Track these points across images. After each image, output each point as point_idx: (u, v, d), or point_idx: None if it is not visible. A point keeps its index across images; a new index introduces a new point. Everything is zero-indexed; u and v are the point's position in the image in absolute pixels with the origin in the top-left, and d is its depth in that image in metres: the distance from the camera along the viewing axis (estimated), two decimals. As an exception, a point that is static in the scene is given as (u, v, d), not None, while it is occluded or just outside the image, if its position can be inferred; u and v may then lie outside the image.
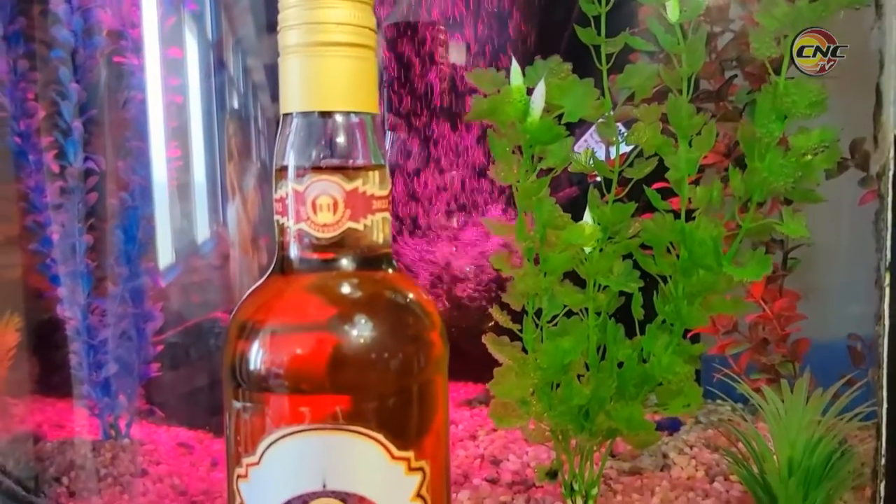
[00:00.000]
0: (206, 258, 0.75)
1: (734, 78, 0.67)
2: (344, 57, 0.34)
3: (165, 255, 0.74)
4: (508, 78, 0.46)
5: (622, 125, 0.52)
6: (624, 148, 0.50)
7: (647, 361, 0.49)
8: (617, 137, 0.50)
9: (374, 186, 0.35)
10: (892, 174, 0.45)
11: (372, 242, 0.35)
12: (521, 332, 0.49)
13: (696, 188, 0.48)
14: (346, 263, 0.35)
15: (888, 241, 0.45)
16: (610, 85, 0.49)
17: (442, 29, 0.80)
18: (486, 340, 0.49)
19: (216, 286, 0.76)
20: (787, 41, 0.45)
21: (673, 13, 0.47)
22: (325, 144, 0.35)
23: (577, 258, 0.48)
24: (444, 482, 0.37)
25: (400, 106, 0.81)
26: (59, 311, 0.71)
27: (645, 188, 0.49)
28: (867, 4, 0.50)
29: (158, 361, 0.72)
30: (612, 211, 0.49)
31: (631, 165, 0.50)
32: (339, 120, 0.35)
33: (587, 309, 0.49)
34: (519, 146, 0.47)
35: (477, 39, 0.81)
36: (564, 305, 0.49)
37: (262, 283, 0.37)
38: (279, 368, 0.34)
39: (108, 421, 0.72)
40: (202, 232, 0.75)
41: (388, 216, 0.36)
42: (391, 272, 0.37)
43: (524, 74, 0.46)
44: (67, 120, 0.69)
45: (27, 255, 0.73)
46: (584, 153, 0.50)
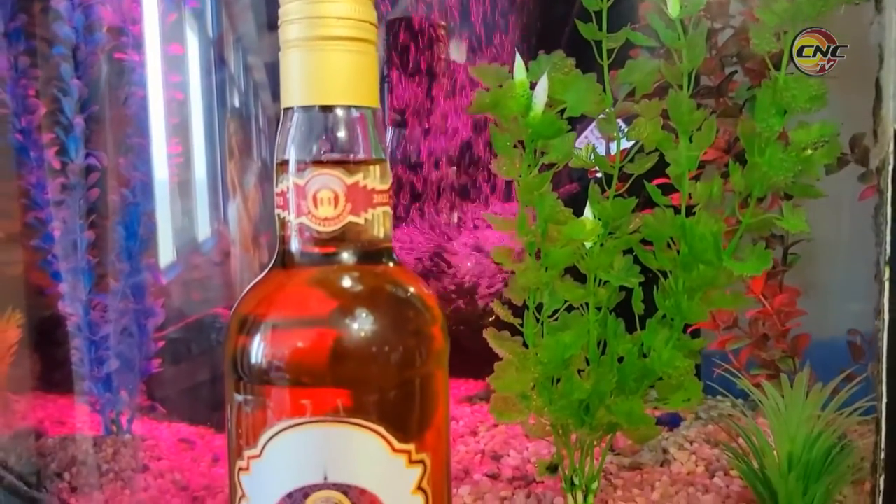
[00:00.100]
0: (206, 256, 0.75)
1: (734, 74, 0.67)
2: (345, 51, 0.34)
3: (166, 252, 0.74)
4: (512, 73, 0.46)
5: (622, 121, 0.52)
6: (624, 144, 0.50)
7: (647, 356, 0.49)
8: (618, 133, 0.50)
9: (374, 180, 0.35)
10: (891, 169, 0.45)
11: (373, 236, 0.36)
12: (521, 326, 0.49)
13: (696, 184, 0.48)
14: (346, 257, 0.35)
15: (888, 235, 0.45)
16: (610, 80, 0.49)
17: (443, 25, 0.80)
18: (486, 335, 0.49)
19: (217, 283, 0.76)
20: (787, 37, 0.45)
21: (674, 9, 0.47)
22: (325, 139, 0.35)
23: (577, 253, 0.49)
24: (444, 476, 0.37)
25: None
26: (60, 307, 0.72)
27: (645, 183, 0.49)
28: (867, 0, 0.50)
29: (159, 357, 0.72)
30: (612, 206, 0.49)
31: (632, 161, 0.50)
32: (339, 114, 0.35)
33: (588, 304, 0.49)
34: (521, 141, 0.47)
35: (479, 35, 0.81)
36: (565, 300, 0.49)
37: (263, 276, 0.37)
38: (280, 361, 0.34)
39: (109, 417, 0.72)
40: (203, 230, 0.75)
41: (388, 210, 0.36)
42: (392, 266, 0.37)
43: (527, 69, 0.47)
44: (69, 116, 0.69)
45: (28, 251, 0.74)
46: (584, 148, 0.50)
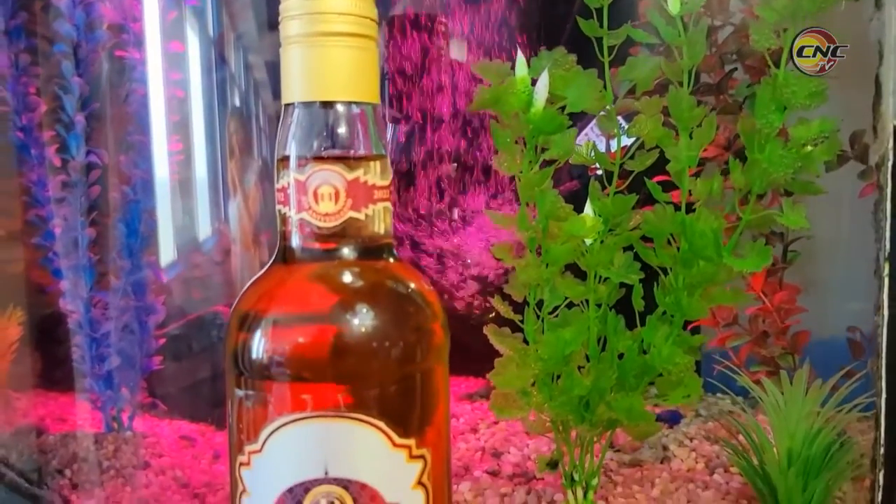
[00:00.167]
0: (207, 254, 0.75)
1: (734, 71, 0.67)
2: (345, 47, 0.34)
3: (167, 251, 0.74)
4: (513, 69, 0.46)
5: (622, 118, 0.52)
6: (625, 141, 0.51)
7: (647, 352, 0.49)
8: (618, 130, 0.50)
9: (375, 176, 0.35)
10: (891, 165, 0.45)
11: (373, 232, 0.36)
12: (522, 322, 0.49)
13: (696, 180, 0.48)
14: (347, 253, 0.35)
15: (887, 231, 0.45)
16: (611, 77, 0.49)
17: (443, 21, 0.80)
18: (487, 331, 0.49)
19: (217, 282, 0.76)
20: (787, 34, 0.45)
21: (674, 6, 0.47)
22: (326, 134, 0.35)
23: (578, 250, 0.49)
24: (445, 471, 0.37)
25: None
26: (61, 304, 0.72)
27: (646, 180, 0.49)
28: (867, -5, 0.51)
29: (160, 355, 0.72)
30: (613, 203, 0.49)
31: (632, 158, 0.50)
32: (340, 110, 0.35)
33: (588, 300, 0.50)
34: (522, 137, 0.47)
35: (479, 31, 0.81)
36: (565, 297, 0.49)
37: (264, 272, 0.37)
38: (281, 356, 0.34)
39: (110, 414, 0.72)
40: (204, 228, 0.75)
41: (389, 206, 0.36)
42: (392, 261, 0.37)
43: (528, 66, 0.47)
44: (70, 114, 0.69)
45: (29, 249, 0.74)
46: (585, 145, 0.50)
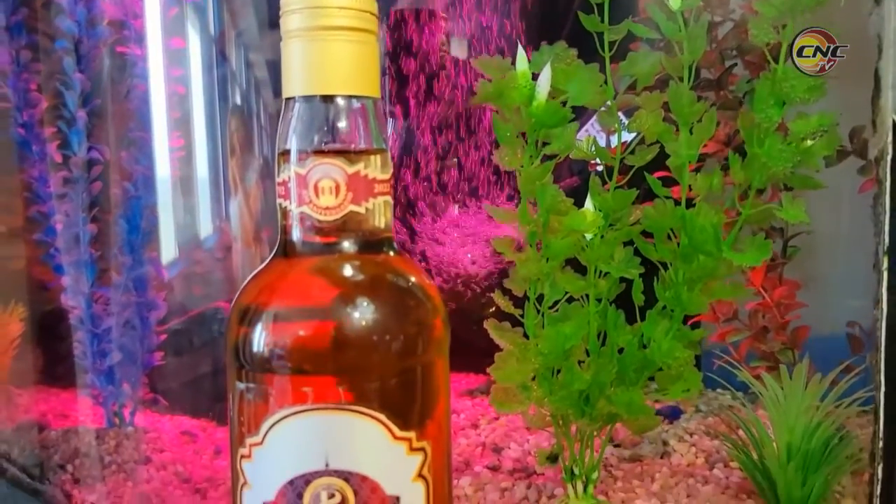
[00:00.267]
0: (208, 252, 0.75)
1: (734, 67, 0.67)
2: (346, 41, 0.34)
3: (168, 248, 0.74)
4: (514, 65, 0.47)
5: (623, 114, 0.52)
6: (625, 136, 0.51)
7: (647, 347, 0.49)
8: (619, 125, 0.50)
9: (375, 170, 0.35)
10: (890, 159, 0.45)
11: (374, 226, 0.36)
12: (522, 317, 0.49)
13: (696, 175, 0.48)
14: (348, 246, 0.35)
15: (886, 225, 0.45)
16: (611, 72, 0.49)
17: (444, 16, 0.81)
18: (487, 326, 0.49)
19: (218, 280, 0.76)
20: (786, 29, 0.45)
21: (674, 1, 0.47)
22: (327, 128, 0.35)
23: (578, 245, 0.49)
24: (445, 464, 0.38)
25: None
26: (63, 300, 0.72)
27: (646, 175, 0.49)
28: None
29: (162, 350, 0.73)
30: (613, 198, 0.49)
31: (632, 153, 0.50)
32: (341, 104, 0.35)
33: (588, 295, 0.50)
34: (523, 133, 0.47)
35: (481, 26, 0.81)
36: (566, 291, 0.49)
37: (265, 266, 0.37)
38: (282, 349, 0.34)
39: (112, 409, 0.72)
40: (205, 226, 0.75)
41: (389, 200, 0.36)
42: (393, 255, 0.37)
43: (529, 60, 0.47)
44: (71, 110, 0.70)
45: (31, 246, 0.74)
46: (585, 140, 0.50)
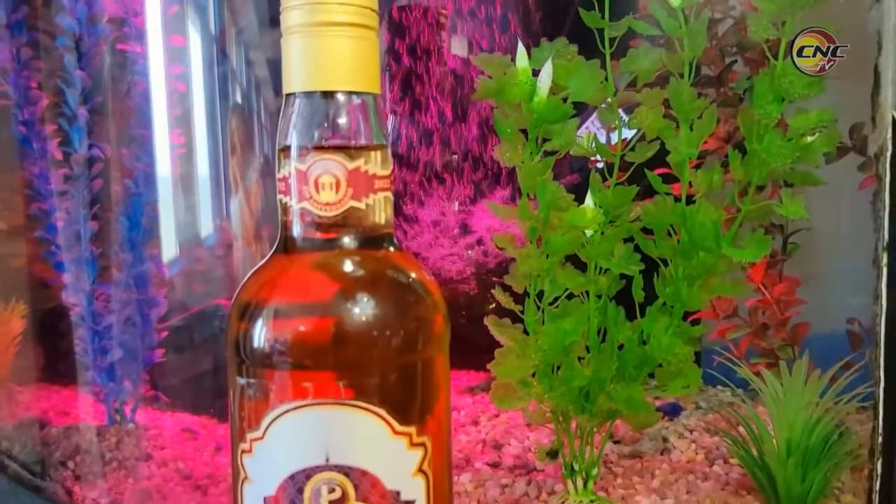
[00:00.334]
0: (208, 251, 0.75)
1: (734, 63, 0.67)
2: (346, 37, 0.34)
3: (169, 246, 0.74)
4: (514, 62, 0.47)
5: (623, 111, 0.52)
6: (625, 133, 0.51)
7: (647, 343, 0.49)
8: (619, 121, 0.50)
9: (376, 166, 0.35)
10: (889, 155, 0.45)
11: (374, 222, 0.36)
12: (522, 313, 0.49)
13: (696, 172, 0.48)
14: (348, 242, 0.35)
15: (885, 221, 0.46)
16: (612, 69, 0.49)
17: (444, 13, 0.81)
18: (487, 322, 0.49)
19: (219, 279, 0.76)
20: (786, 25, 0.45)
21: (675, -2, 0.47)
22: (327, 124, 0.35)
23: (578, 241, 0.49)
24: (445, 459, 0.38)
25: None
26: (63, 297, 0.72)
27: (646, 172, 0.49)
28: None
29: (162, 347, 0.73)
30: (613, 194, 0.49)
31: (633, 150, 0.50)
32: (341, 100, 0.35)
33: (588, 291, 0.50)
34: (523, 130, 0.47)
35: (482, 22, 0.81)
36: (566, 288, 0.49)
37: (265, 262, 0.37)
38: (282, 345, 0.34)
39: (113, 406, 0.72)
40: (205, 225, 0.75)
41: (389, 196, 0.36)
42: (393, 251, 0.37)
43: (529, 57, 0.47)
44: (72, 107, 0.70)
45: (32, 243, 0.74)
46: (586, 136, 0.50)
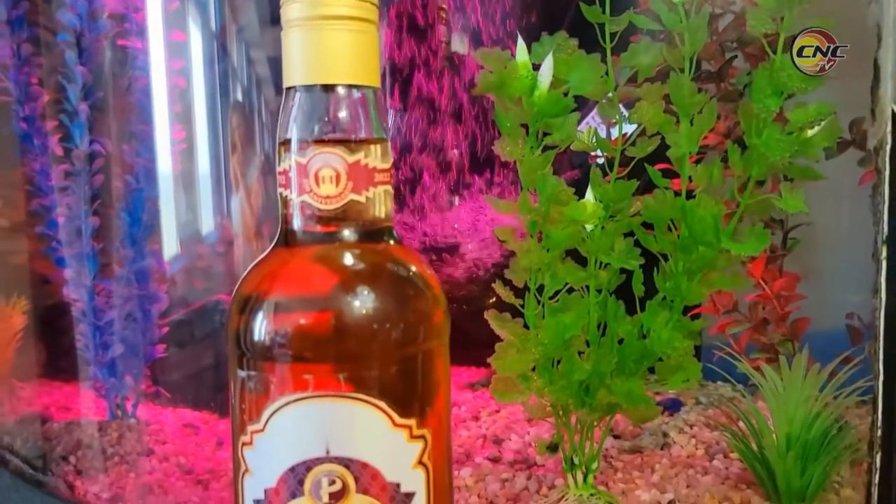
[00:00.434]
0: (210, 247, 0.75)
1: (734, 59, 0.67)
2: (346, 30, 0.34)
3: (170, 244, 0.74)
4: (514, 57, 0.47)
5: (623, 106, 0.52)
6: (626, 128, 0.51)
7: (647, 337, 0.49)
8: (620, 116, 0.50)
9: (376, 159, 0.35)
10: (889, 148, 0.45)
11: (374, 215, 0.36)
12: (522, 307, 0.49)
13: (696, 167, 0.49)
14: (348, 235, 0.35)
15: (885, 214, 0.46)
16: (612, 64, 0.49)
17: (444, 7, 0.81)
18: (488, 316, 0.49)
19: (219, 277, 0.76)
20: (785, 20, 0.45)
21: (675, -8, 0.47)
22: (327, 118, 0.35)
23: (578, 235, 0.49)
24: (445, 452, 0.38)
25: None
26: (65, 292, 0.72)
27: (646, 166, 0.49)
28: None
29: (163, 343, 0.73)
30: (613, 189, 0.49)
31: (633, 144, 0.50)
32: (341, 93, 0.35)
33: (588, 286, 0.50)
34: (524, 125, 0.47)
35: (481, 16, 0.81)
36: (566, 282, 0.49)
37: (266, 255, 0.37)
38: (283, 337, 0.34)
39: (114, 401, 0.73)
40: (206, 224, 0.75)
41: (389, 189, 0.36)
42: (393, 244, 0.37)
43: (529, 51, 0.47)
44: (73, 103, 0.70)
45: (33, 239, 0.74)
46: (587, 131, 0.51)
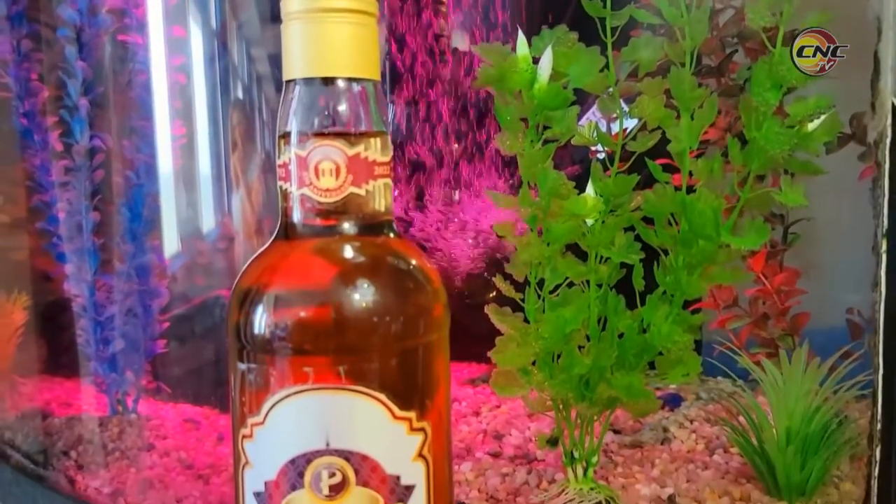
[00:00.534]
0: (210, 244, 0.75)
1: (734, 53, 0.67)
2: (345, 23, 0.34)
3: (171, 241, 0.74)
4: (514, 50, 0.47)
5: (624, 101, 0.52)
6: (627, 123, 0.51)
7: (647, 331, 0.49)
8: (620, 111, 0.50)
9: (375, 152, 0.35)
10: (889, 142, 0.45)
11: (374, 208, 0.36)
12: (523, 302, 0.49)
13: (697, 161, 0.49)
14: (348, 228, 0.35)
15: (885, 207, 0.46)
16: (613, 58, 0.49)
17: (442, 1, 0.81)
18: (488, 310, 0.49)
19: (220, 270, 0.76)
20: (784, 14, 0.45)
21: (676, -13, 0.47)
22: (327, 111, 0.35)
23: (579, 230, 0.49)
24: (445, 445, 0.38)
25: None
26: (65, 288, 0.72)
27: (646, 160, 0.49)
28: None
29: (164, 338, 0.73)
30: (614, 183, 0.49)
31: (634, 139, 0.50)
32: (341, 86, 0.35)
33: (588, 280, 0.50)
34: (524, 119, 0.47)
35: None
36: (566, 276, 0.49)
37: (266, 248, 0.37)
38: (283, 330, 0.34)
39: (115, 397, 0.73)
40: (207, 220, 0.75)
41: (389, 182, 0.36)
42: (393, 237, 0.37)
43: (530, 45, 0.47)
44: (74, 98, 0.70)
45: (34, 236, 0.74)
46: (587, 125, 0.50)
